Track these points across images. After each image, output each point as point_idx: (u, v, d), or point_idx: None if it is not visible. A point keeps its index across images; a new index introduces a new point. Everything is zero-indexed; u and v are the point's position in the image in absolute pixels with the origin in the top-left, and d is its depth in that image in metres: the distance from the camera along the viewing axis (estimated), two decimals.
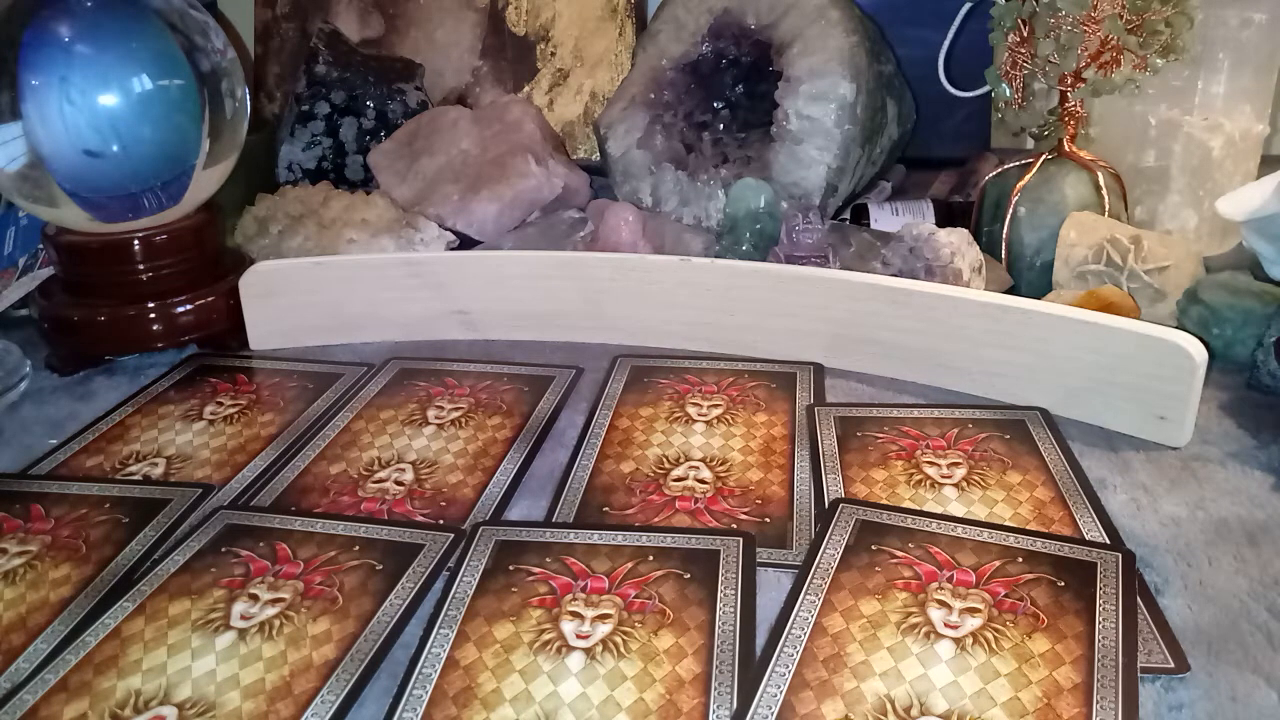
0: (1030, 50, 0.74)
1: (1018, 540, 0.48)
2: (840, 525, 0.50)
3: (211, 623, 0.45)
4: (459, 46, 1.11)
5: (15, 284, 0.77)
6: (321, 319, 0.74)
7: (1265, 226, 0.66)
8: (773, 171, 0.85)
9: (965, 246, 0.70)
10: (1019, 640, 0.42)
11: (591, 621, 0.44)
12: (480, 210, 0.88)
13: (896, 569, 0.46)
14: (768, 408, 0.62)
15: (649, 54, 0.92)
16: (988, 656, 0.41)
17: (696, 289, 0.69)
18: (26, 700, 0.41)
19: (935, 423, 0.60)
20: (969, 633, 0.42)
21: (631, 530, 0.50)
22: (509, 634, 0.43)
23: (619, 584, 0.46)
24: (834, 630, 0.43)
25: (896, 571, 0.46)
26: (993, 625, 0.43)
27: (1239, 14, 0.78)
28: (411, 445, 0.60)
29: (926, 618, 0.43)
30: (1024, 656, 0.41)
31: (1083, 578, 0.45)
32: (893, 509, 0.51)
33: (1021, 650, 0.41)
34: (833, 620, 0.43)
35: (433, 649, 0.43)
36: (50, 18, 0.64)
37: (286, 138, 0.98)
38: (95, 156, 0.65)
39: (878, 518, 0.50)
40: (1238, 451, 0.57)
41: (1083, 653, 0.41)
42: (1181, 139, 0.82)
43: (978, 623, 0.43)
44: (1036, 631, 0.42)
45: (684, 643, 0.42)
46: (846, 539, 0.48)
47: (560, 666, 0.41)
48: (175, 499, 0.55)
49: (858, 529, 0.49)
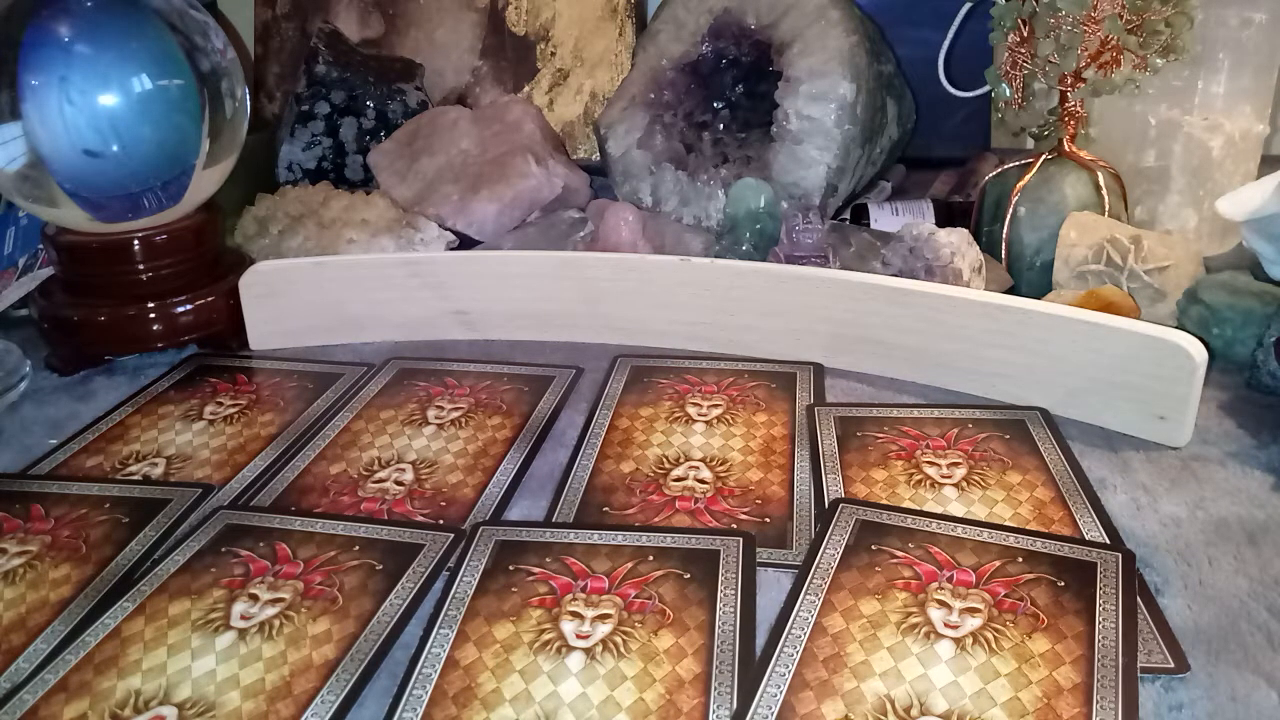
0: (1030, 50, 0.74)
1: (1017, 540, 0.48)
2: (840, 525, 0.49)
3: (211, 623, 0.45)
4: (459, 46, 1.11)
5: (15, 284, 0.77)
6: (321, 319, 0.74)
7: (1265, 226, 0.66)
8: (773, 171, 0.85)
9: (965, 246, 0.70)
10: (1019, 640, 0.42)
11: (591, 621, 0.44)
12: (480, 210, 0.88)
13: (896, 569, 0.46)
14: (768, 408, 0.62)
15: (649, 54, 0.92)
16: (988, 656, 0.41)
17: (696, 289, 0.69)
18: (26, 700, 0.41)
19: (935, 422, 0.60)
20: (969, 633, 0.42)
21: (631, 530, 0.50)
22: (509, 634, 0.43)
23: (619, 584, 0.46)
24: (834, 630, 0.43)
25: (896, 571, 0.46)
26: (993, 625, 0.43)
27: (1239, 14, 0.78)
28: (411, 445, 0.60)
29: (926, 618, 0.43)
30: (1024, 656, 0.41)
31: (1083, 578, 0.45)
32: (893, 509, 0.51)
33: (1021, 650, 0.41)
34: (833, 620, 0.43)
35: (433, 649, 0.43)
36: (50, 18, 0.64)
37: (286, 138, 0.98)
38: (95, 156, 0.65)
39: (878, 518, 0.50)
40: (1238, 451, 0.57)
41: (1083, 653, 0.41)
42: (1181, 139, 0.82)
43: (978, 623, 0.43)
44: (1036, 631, 0.42)
45: (684, 643, 0.42)
46: (846, 539, 0.48)
47: (560, 666, 0.41)
48: (175, 499, 0.55)
49: (858, 529, 0.49)
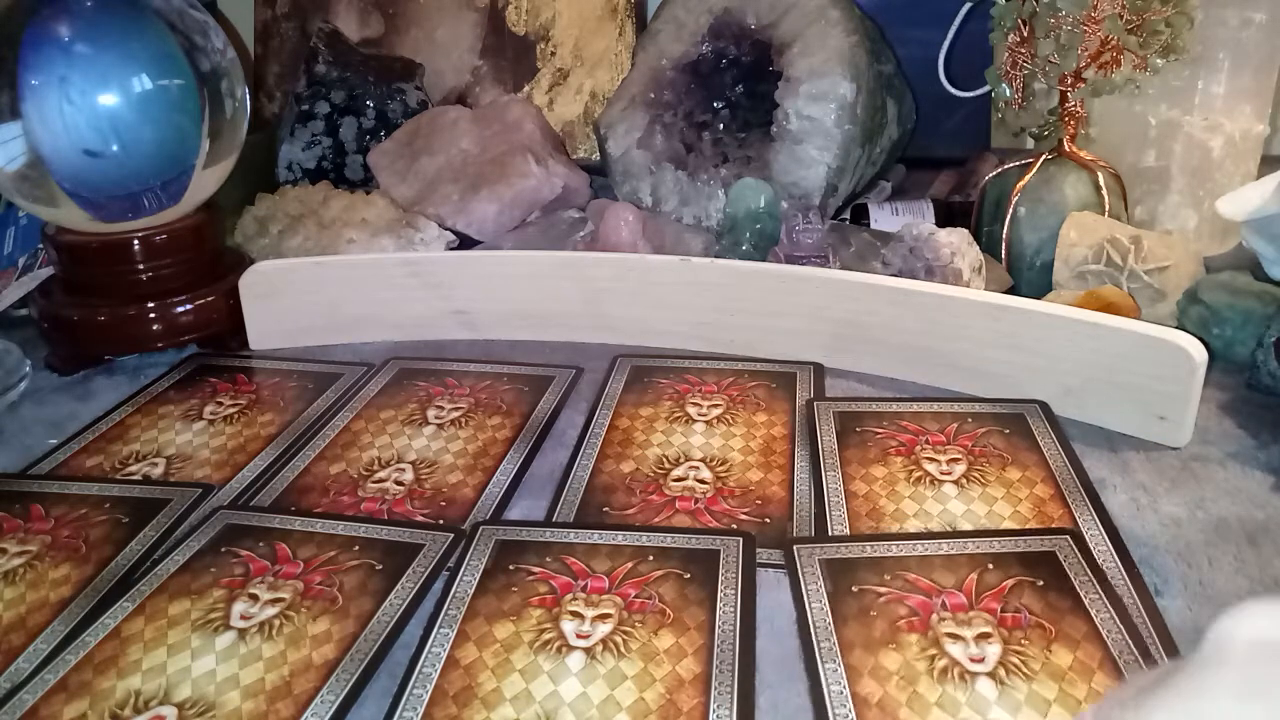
0: (1030, 50, 0.74)
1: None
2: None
3: (211, 622, 0.45)
4: (459, 46, 1.11)
5: (15, 284, 0.77)
6: (321, 319, 0.74)
7: (1265, 226, 0.66)
8: (773, 171, 0.85)
9: (965, 246, 0.70)
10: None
11: (592, 621, 0.44)
12: (480, 210, 0.88)
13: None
14: (768, 408, 0.62)
15: (649, 54, 0.92)
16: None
17: (696, 289, 0.69)
18: (26, 700, 0.41)
19: (934, 417, 0.60)
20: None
21: (632, 530, 0.50)
22: (509, 633, 0.43)
23: (619, 584, 0.46)
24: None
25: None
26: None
27: (1239, 14, 0.78)
28: (411, 445, 0.60)
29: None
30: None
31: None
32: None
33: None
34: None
35: (433, 648, 0.43)
36: (50, 17, 0.64)
37: (286, 138, 0.98)
38: (95, 156, 0.65)
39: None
40: (1238, 451, 0.57)
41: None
42: (1181, 139, 0.82)
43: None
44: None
45: (684, 642, 0.42)
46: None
47: (560, 666, 0.41)
48: (175, 499, 0.55)
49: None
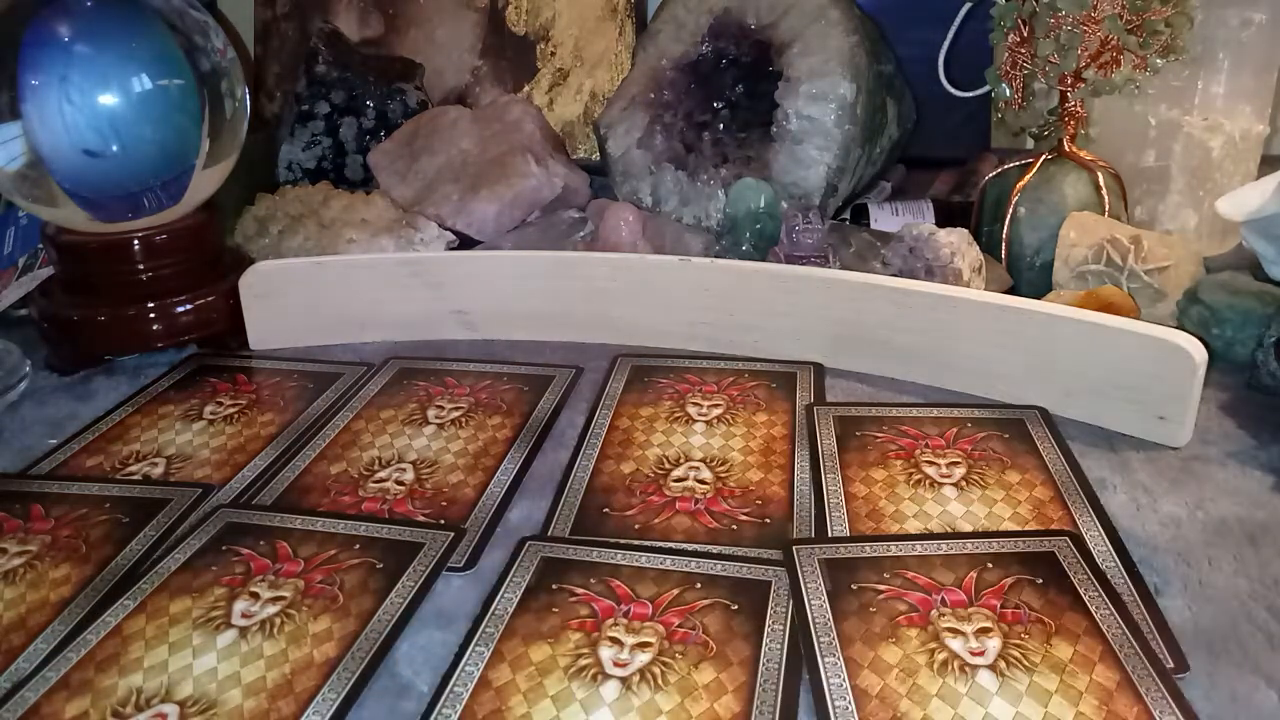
0: (1030, 50, 0.75)
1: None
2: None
3: (212, 621, 0.45)
4: (459, 46, 1.11)
5: (15, 284, 0.77)
6: (321, 319, 0.74)
7: (1265, 226, 0.66)
8: (773, 171, 0.85)
9: (965, 246, 0.70)
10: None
11: (631, 649, 0.42)
12: (480, 210, 0.88)
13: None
14: (768, 408, 0.62)
15: (649, 54, 0.92)
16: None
17: (696, 289, 0.69)
18: (28, 698, 0.41)
19: (934, 421, 0.60)
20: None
21: (681, 555, 0.48)
22: (545, 656, 0.42)
23: (662, 611, 0.44)
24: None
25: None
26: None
27: (1239, 14, 0.78)
28: (412, 445, 0.60)
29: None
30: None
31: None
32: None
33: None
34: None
35: (466, 667, 0.41)
36: (50, 17, 0.64)
37: (286, 138, 0.98)
38: (95, 156, 0.65)
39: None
40: (1238, 451, 0.57)
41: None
42: (1181, 139, 0.82)
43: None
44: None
45: (725, 678, 0.41)
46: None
47: (594, 695, 0.40)
48: (175, 499, 0.55)
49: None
